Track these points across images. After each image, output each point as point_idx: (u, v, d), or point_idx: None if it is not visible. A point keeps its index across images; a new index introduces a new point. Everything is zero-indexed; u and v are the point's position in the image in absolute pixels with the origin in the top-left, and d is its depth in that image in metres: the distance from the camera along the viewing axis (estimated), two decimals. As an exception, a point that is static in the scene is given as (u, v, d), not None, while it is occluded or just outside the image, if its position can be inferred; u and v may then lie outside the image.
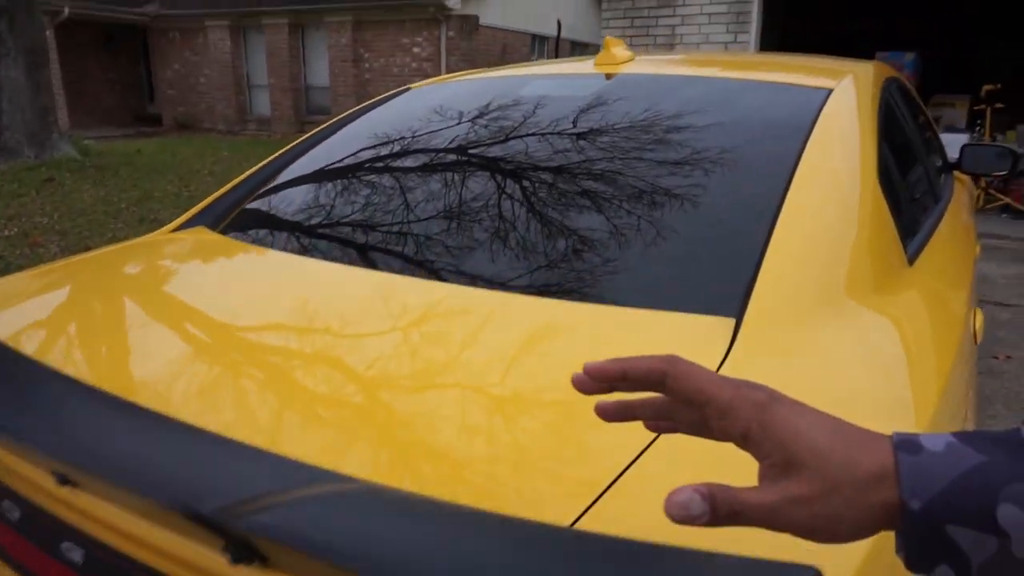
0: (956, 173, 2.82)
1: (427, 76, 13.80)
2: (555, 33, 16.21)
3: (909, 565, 0.41)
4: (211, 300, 1.13)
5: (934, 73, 8.14)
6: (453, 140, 1.53)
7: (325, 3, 14.00)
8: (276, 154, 1.81)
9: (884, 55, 7.56)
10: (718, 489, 0.41)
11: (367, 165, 1.58)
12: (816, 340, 0.93)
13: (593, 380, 0.46)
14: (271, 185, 1.62)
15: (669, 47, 6.96)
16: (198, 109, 16.06)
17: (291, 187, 1.59)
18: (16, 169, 8.15)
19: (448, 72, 13.41)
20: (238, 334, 1.01)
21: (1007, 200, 6.76)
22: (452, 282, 1.12)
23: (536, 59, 17.42)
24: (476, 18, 13.67)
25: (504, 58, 15.75)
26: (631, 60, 1.88)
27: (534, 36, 17.03)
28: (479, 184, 1.33)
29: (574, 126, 1.45)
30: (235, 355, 0.95)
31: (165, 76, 16.38)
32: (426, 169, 1.45)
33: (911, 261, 1.30)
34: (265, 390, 0.86)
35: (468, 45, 13.50)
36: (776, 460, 0.41)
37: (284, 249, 1.32)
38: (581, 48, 16.75)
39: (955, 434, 0.41)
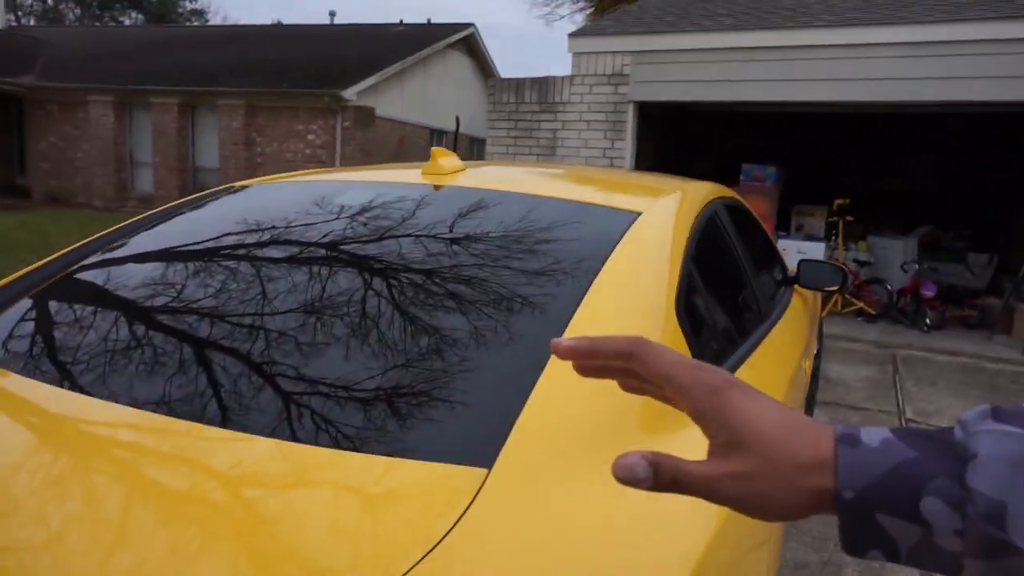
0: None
1: (321, 164, 13.73)
2: (452, 128, 16.71)
3: (845, 548, 0.44)
4: None
5: (798, 184, 8.83)
6: (241, 252, 1.39)
7: (217, 85, 13.83)
8: (58, 253, 1.62)
9: (750, 166, 8.14)
10: (663, 458, 0.44)
11: (152, 277, 1.41)
12: (581, 487, 0.83)
13: (567, 355, 0.49)
14: (41, 288, 1.41)
15: (551, 150, 7.20)
16: (74, 184, 15.22)
17: (61, 294, 1.39)
18: None
19: (343, 161, 13.40)
20: None
21: (861, 304, 7.25)
22: (187, 419, 0.95)
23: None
24: (372, 110, 13.85)
25: (402, 149, 15.96)
26: (460, 171, 1.83)
27: (433, 130, 17.43)
28: (245, 311, 1.19)
29: (367, 244, 1.35)
30: None
31: (39, 148, 15.52)
32: (202, 285, 1.30)
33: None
34: None
35: (364, 135, 13.60)
36: (723, 440, 0.44)
37: (25, 373, 1.12)
38: (479, 144, 17.25)
39: (893, 429, 0.44)
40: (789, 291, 2.80)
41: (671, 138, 8.49)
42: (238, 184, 1.96)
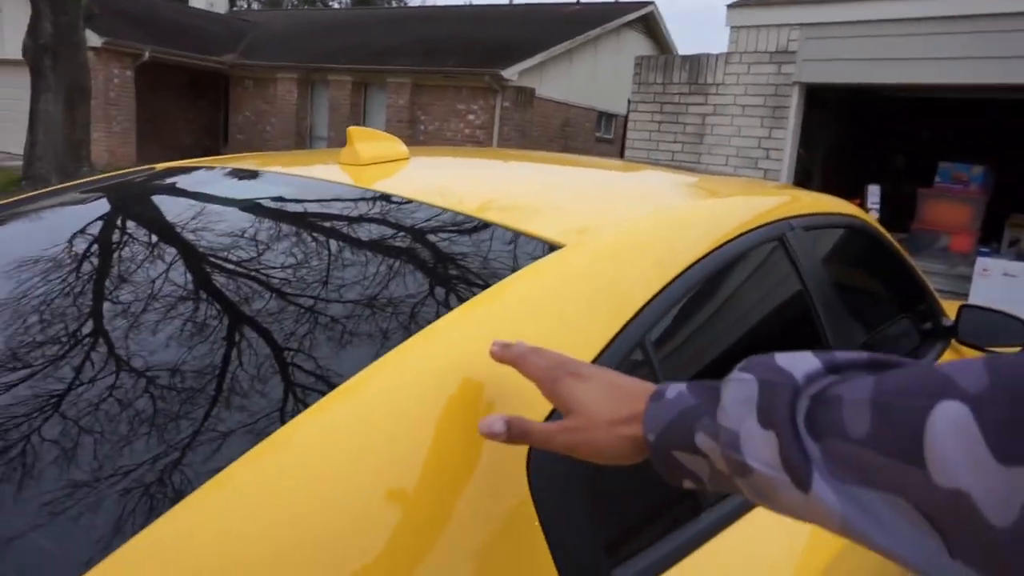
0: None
1: (479, 144, 13.63)
2: (623, 112, 15.92)
3: (664, 479, 0.55)
4: None
5: (1016, 189, 7.18)
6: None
7: (387, 64, 14.16)
8: None
9: (949, 165, 6.71)
10: (515, 418, 0.58)
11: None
12: None
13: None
14: None
15: (698, 137, 6.36)
16: (261, 155, 16.45)
17: None
18: (38, 199, 8.22)
19: (500, 141, 13.20)
20: None
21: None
22: None
23: (602, 135, 17.09)
24: (532, 91, 13.48)
25: (564, 132, 15.48)
26: (385, 162, 1.32)
27: (601, 113, 16.75)
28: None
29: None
30: None
31: (236, 120, 16.92)
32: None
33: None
34: None
35: (522, 116, 13.28)
36: (562, 410, 0.59)
37: None
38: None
39: (688, 383, 0.55)
40: (941, 348, 1.97)
41: (854, 128, 7.24)
42: (160, 167, 1.58)
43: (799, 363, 0.47)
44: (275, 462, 0.57)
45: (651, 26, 17.51)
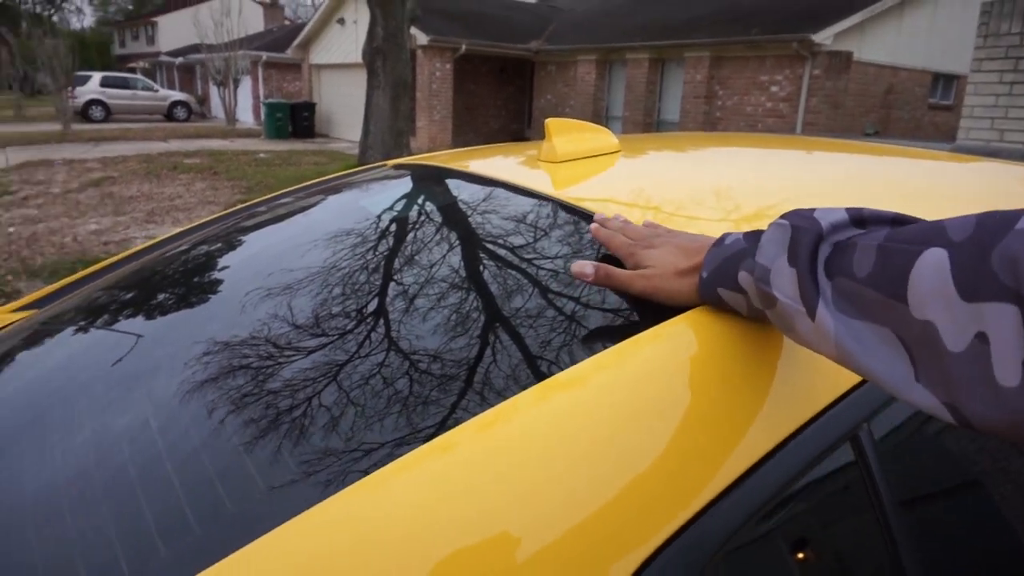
0: None
1: (782, 118, 12.52)
2: (967, 71, 13.38)
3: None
4: None
5: None
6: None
7: (685, 38, 13.64)
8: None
9: None
10: (601, 265, 0.68)
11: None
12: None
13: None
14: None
15: (1067, 99, 5.00)
16: (560, 137, 17.07)
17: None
18: (368, 182, 9.51)
19: (807, 115, 11.98)
20: None
21: None
22: None
23: (938, 102, 14.60)
24: (848, 55, 11.91)
25: (887, 100, 13.50)
26: (579, 159, 1.16)
27: (937, 75, 14.29)
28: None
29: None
30: None
31: (539, 104, 17.79)
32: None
33: None
34: None
35: (835, 85, 11.83)
36: (640, 268, 0.68)
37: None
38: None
39: (748, 232, 0.60)
40: None
41: None
42: (390, 163, 1.61)
43: (829, 215, 0.52)
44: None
45: (1015, -37, 14.37)
